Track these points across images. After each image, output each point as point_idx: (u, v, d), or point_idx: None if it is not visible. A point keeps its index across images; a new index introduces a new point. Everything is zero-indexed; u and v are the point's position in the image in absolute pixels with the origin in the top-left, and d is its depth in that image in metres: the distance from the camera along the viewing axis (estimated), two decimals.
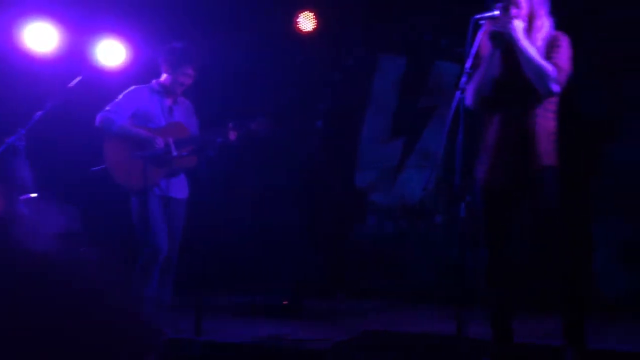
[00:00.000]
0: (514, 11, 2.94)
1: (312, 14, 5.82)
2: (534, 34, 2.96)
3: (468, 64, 2.80)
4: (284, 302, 4.83)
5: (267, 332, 4.05)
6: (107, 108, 3.97)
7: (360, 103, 5.97)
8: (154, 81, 4.10)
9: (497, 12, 2.92)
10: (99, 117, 3.95)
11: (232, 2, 5.77)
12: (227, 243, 5.83)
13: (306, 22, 5.83)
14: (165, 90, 4.07)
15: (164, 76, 4.08)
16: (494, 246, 3.09)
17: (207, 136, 4.01)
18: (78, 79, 4.13)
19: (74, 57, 5.19)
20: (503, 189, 3.07)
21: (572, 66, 2.99)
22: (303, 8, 5.82)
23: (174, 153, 3.94)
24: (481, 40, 2.94)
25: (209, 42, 5.57)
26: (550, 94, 2.93)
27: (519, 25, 2.92)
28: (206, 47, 5.54)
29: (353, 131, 6.02)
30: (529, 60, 2.90)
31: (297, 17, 5.80)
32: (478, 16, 2.90)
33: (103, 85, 4.66)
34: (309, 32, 5.84)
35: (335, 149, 6.08)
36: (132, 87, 4.07)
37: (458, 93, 2.77)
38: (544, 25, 2.99)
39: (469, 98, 3.00)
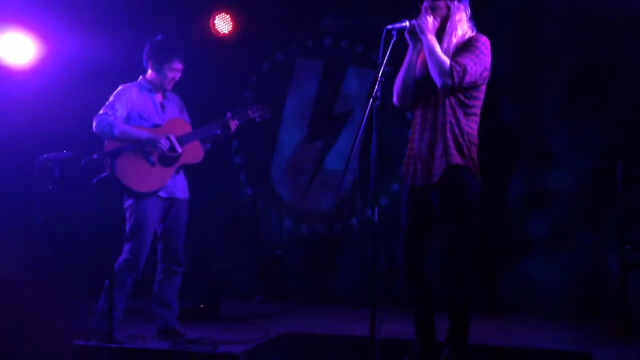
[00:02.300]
0: (429, 12, 3.09)
1: (229, 16, 5.80)
2: (445, 37, 3.11)
3: (380, 72, 2.88)
4: (201, 305, 4.79)
5: (183, 337, 4.01)
6: (102, 111, 3.77)
7: (278, 106, 6.00)
8: (140, 77, 3.97)
9: (406, 24, 3.05)
10: (96, 122, 3.75)
11: (147, 1, 5.66)
12: None
13: (222, 24, 5.80)
14: (154, 87, 3.95)
15: (150, 72, 3.96)
16: (408, 244, 3.19)
17: (207, 129, 3.97)
18: None
19: None
20: (423, 188, 3.16)
21: (486, 66, 3.10)
22: (219, 10, 5.78)
23: (179, 150, 3.85)
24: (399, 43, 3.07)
25: (122, 40, 5.44)
26: (445, 87, 3.03)
27: (429, 21, 3.07)
28: (119, 46, 5.41)
29: (270, 134, 6.04)
30: (430, 52, 3.04)
31: (214, 19, 5.76)
32: (390, 26, 3.00)
33: (9, 85, 4.46)
34: (225, 35, 5.82)
35: (252, 151, 6.08)
36: (121, 87, 3.91)
37: (371, 101, 2.85)
38: (457, 28, 3.12)
39: (394, 96, 3.22)
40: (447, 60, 3.02)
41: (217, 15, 5.77)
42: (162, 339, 3.96)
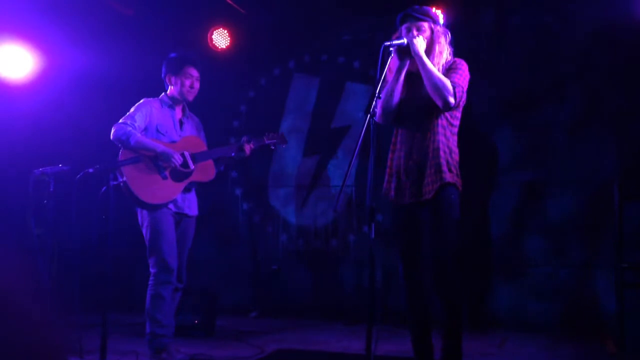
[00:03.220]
0: (415, 32, 3.13)
1: (226, 31, 5.83)
2: (432, 58, 3.13)
3: (377, 89, 2.89)
4: (195, 322, 4.76)
5: (178, 354, 3.97)
6: (122, 121, 3.82)
7: (275, 121, 6.00)
8: (162, 94, 4.05)
9: (404, 41, 3.06)
10: (115, 130, 3.79)
11: (145, 15, 5.68)
12: (134, 260, 5.68)
13: (220, 39, 5.83)
14: (175, 102, 4.02)
15: (170, 88, 4.04)
16: (408, 261, 3.19)
17: (222, 150, 4.04)
18: None
19: None
20: (411, 205, 3.17)
21: (465, 89, 3.15)
22: (217, 25, 5.81)
23: (192, 167, 3.89)
24: (391, 58, 3.09)
25: (121, 55, 5.45)
26: (448, 106, 3.07)
27: (421, 42, 3.09)
28: (117, 61, 5.42)
29: (267, 149, 6.03)
30: (429, 72, 3.06)
31: (212, 33, 5.79)
32: (387, 43, 3.01)
33: (5, 99, 4.45)
34: (223, 49, 5.84)
35: (248, 166, 6.08)
36: (143, 100, 3.97)
37: (369, 117, 2.85)
38: (443, 51, 3.18)
39: (377, 112, 3.17)
40: (447, 81, 3.05)
41: (215, 30, 5.81)
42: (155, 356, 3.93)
